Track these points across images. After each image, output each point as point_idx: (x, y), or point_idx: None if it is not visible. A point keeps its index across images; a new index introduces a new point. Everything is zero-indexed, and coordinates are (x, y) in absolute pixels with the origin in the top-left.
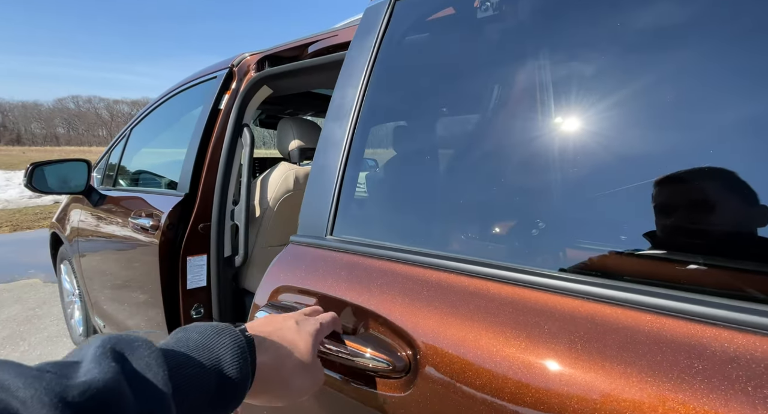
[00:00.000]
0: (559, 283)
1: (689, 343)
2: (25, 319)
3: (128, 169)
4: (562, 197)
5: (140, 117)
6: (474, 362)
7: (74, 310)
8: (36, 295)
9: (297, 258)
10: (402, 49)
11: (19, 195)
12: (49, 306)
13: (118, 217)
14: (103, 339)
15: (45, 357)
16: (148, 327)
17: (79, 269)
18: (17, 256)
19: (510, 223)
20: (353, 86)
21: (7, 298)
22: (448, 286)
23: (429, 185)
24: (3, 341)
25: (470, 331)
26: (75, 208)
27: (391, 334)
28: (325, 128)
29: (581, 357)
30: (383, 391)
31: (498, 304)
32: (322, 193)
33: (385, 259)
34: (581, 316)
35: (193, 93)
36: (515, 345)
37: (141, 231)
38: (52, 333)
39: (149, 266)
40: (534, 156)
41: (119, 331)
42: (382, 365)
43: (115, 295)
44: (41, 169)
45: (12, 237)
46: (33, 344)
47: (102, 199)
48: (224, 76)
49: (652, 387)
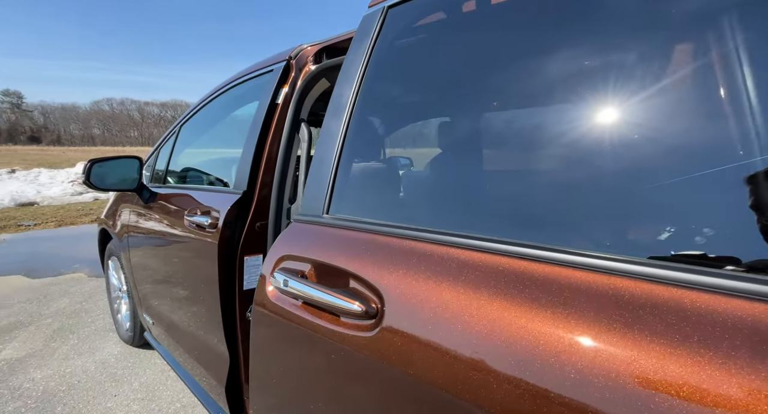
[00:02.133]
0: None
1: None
2: (73, 313)
3: (179, 166)
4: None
5: (190, 114)
6: (423, 310)
7: (121, 305)
8: (82, 289)
9: (298, 233)
10: (393, 52)
11: (62, 192)
12: (95, 300)
13: (171, 214)
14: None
15: (97, 350)
16: (200, 326)
17: (128, 265)
18: (63, 251)
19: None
20: (349, 85)
21: (55, 291)
22: (409, 251)
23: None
24: (54, 334)
25: (422, 287)
26: (125, 204)
27: (365, 289)
28: (325, 123)
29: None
30: (357, 332)
31: (444, 263)
32: (320, 179)
33: (366, 231)
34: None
35: (248, 87)
36: (450, 293)
37: (197, 229)
38: (99, 327)
39: (204, 265)
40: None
41: (169, 329)
42: (357, 311)
43: (165, 292)
44: (98, 166)
45: (57, 232)
46: (82, 338)
47: (153, 196)
48: (282, 69)
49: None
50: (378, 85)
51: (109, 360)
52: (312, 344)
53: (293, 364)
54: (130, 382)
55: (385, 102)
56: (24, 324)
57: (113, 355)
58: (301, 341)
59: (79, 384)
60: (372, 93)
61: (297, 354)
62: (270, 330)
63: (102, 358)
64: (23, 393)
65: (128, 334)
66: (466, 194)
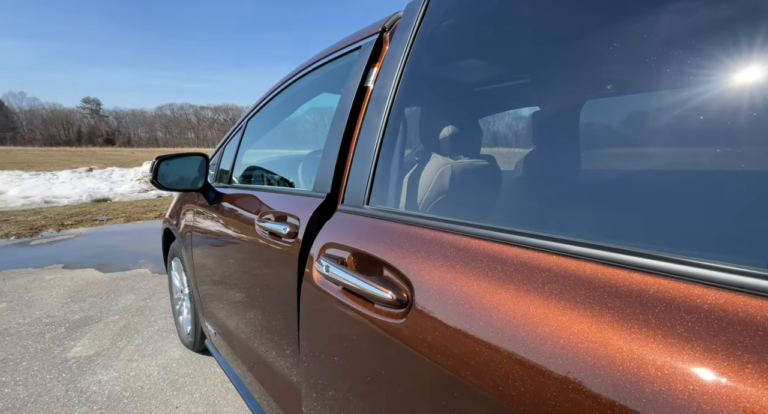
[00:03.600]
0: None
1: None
2: (138, 310)
3: (246, 165)
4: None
5: (257, 107)
6: (452, 301)
7: (182, 307)
8: (146, 286)
9: (341, 222)
10: (436, 42)
11: (131, 189)
12: (158, 298)
13: (238, 218)
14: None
15: (159, 353)
16: (271, 352)
17: (190, 268)
18: (130, 246)
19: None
20: (390, 77)
21: (122, 287)
22: (440, 242)
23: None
24: (120, 332)
25: (454, 277)
26: (189, 204)
27: (397, 278)
28: (367, 115)
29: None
30: (389, 319)
31: (474, 256)
32: (362, 172)
33: (401, 222)
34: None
35: (328, 71)
36: (481, 286)
37: (271, 237)
38: (161, 327)
39: (280, 282)
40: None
41: (233, 346)
42: (389, 299)
43: (231, 304)
44: (165, 164)
45: (126, 227)
46: (145, 338)
47: (218, 197)
48: (373, 44)
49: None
50: (420, 77)
51: (171, 365)
52: (350, 326)
53: (334, 341)
54: (191, 393)
55: (425, 95)
56: (94, 319)
57: (175, 360)
58: (341, 322)
59: (142, 390)
60: (413, 86)
61: (336, 333)
62: (316, 307)
63: (164, 362)
64: (90, 397)
65: (189, 339)
66: (498, 190)
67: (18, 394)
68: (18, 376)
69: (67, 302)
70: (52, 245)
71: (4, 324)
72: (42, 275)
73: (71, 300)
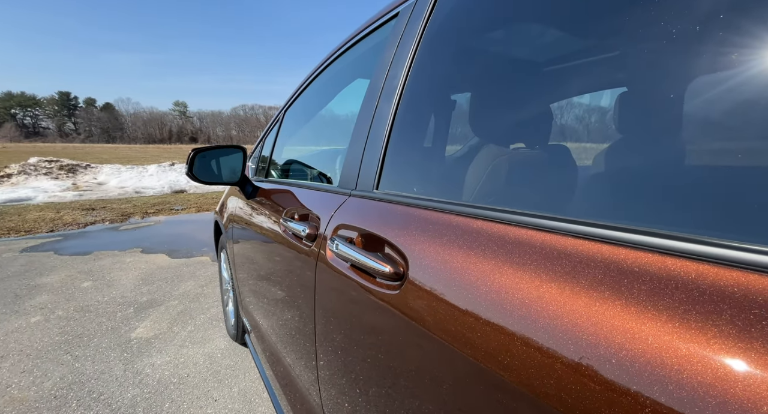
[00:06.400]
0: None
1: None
2: (194, 297)
3: (283, 158)
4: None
5: (293, 97)
6: (443, 275)
7: (228, 299)
8: (205, 273)
9: (353, 205)
10: (445, 30)
11: None
12: (213, 286)
13: (269, 213)
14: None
15: (207, 341)
16: (296, 361)
17: (231, 261)
18: (197, 234)
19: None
20: (401, 66)
21: (185, 273)
22: (432, 221)
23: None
24: (177, 317)
25: (443, 252)
26: (231, 197)
27: (395, 253)
28: (378, 105)
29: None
30: (387, 290)
31: (465, 233)
32: (373, 158)
33: (403, 204)
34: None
35: (362, 50)
36: (467, 261)
37: (293, 238)
38: (212, 315)
39: (298, 277)
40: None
41: (264, 347)
42: (387, 272)
43: (262, 300)
44: (201, 157)
45: (196, 217)
46: (197, 325)
47: (255, 191)
48: (410, 11)
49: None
50: (429, 67)
51: (216, 355)
52: (357, 299)
53: (344, 314)
54: (230, 387)
55: (435, 84)
56: (158, 302)
57: (220, 350)
58: (349, 295)
59: (188, 378)
60: (424, 74)
61: (346, 307)
62: (328, 282)
63: (210, 352)
64: (142, 379)
65: (233, 331)
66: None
67: (86, 370)
68: (89, 351)
69: (138, 284)
70: (136, 231)
71: (87, 300)
72: (123, 258)
73: (143, 282)
